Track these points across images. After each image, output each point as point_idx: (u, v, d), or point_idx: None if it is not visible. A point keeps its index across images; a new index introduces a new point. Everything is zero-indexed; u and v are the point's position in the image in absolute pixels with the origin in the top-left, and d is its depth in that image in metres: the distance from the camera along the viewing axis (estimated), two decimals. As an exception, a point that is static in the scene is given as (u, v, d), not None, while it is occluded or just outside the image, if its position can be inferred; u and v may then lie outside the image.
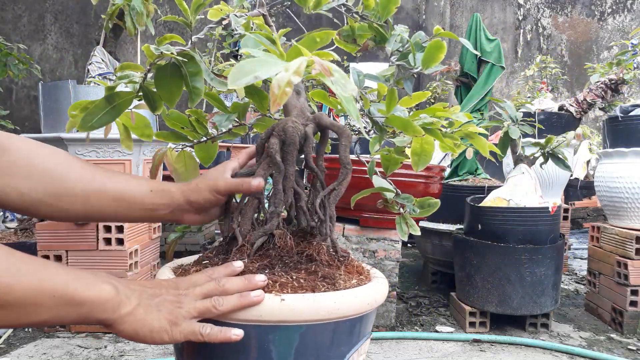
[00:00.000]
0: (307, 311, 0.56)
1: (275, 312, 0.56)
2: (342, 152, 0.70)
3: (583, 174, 4.99)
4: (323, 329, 0.59)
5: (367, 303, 0.61)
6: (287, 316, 0.56)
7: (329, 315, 0.57)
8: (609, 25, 6.84)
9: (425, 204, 0.89)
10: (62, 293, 0.51)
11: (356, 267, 0.70)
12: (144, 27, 2.08)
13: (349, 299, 0.59)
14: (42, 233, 1.93)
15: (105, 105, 0.69)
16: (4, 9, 5.48)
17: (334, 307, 0.57)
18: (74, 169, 0.67)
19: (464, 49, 3.25)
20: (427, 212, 0.89)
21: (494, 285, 2.03)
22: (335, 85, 0.43)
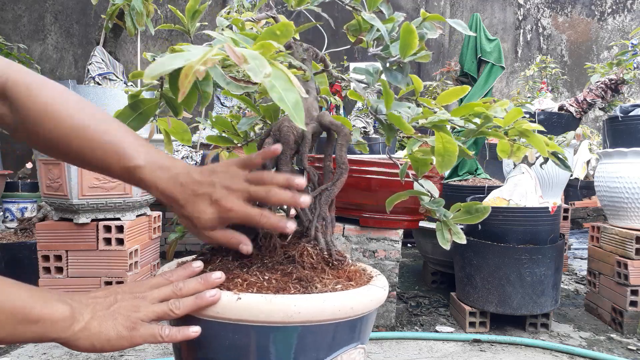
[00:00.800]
0: (263, 312, 0.56)
1: (232, 310, 0.57)
2: (338, 151, 0.69)
3: (583, 174, 4.99)
4: (285, 332, 0.57)
5: (339, 310, 0.58)
6: (242, 315, 0.56)
7: (289, 319, 0.56)
8: (609, 25, 6.84)
9: (473, 209, 0.79)
10: (17, 311, 0.51)
11: (349, 272, 0.67)
12: (144, 27, 2.07)
13: (314, 303, 0.57)
14: (42, 233, 1.93)
15: (130, 113, 0.70)
16: (4, 9, 5.48)
17: (293, 311, 0.56)
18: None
19: (464, 49, 3.25)
20: (474, 218, 0.78)
21: (494, 285, 2.03)
22: (250, 72, 0.43)
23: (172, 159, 0.63)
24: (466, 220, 0.78)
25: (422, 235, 2.71)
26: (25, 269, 2.33)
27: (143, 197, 2.02)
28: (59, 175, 1.86)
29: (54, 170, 1.88)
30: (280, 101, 0.44)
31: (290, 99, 0.44)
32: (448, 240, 0.77)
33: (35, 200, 3.79)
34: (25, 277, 2.48)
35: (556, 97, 5.13)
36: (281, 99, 0.44)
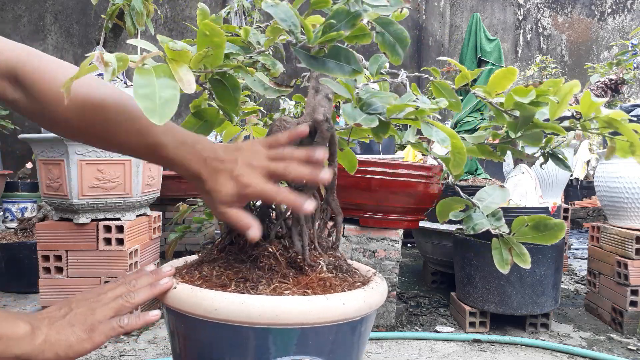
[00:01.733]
0: (188, 304, 0.58)
1: (172, 299, 0.60)
2: None
3: (583, 174, 4.99)
4: (210, 327, 0.58)
5: (259, 314, 0.55)
6: (176, 304, 0.60)
7: (209, 314, 0.57)
8: (609, 25, 6.84)
9: (543, 224, 0.64)
10: None
11: (311, 280, 0.62)
12: (144, 27, 2.07)
13: (233, 302, 0.55)
14: (42, 233, 1.93)
15: (196, 121, 0.73)
16: (4, 9, 5.48)
17: (211, 307, 0.56)
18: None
19: (464, 49, 3.25)
20: (547, 238, 0.64)
21: (494, 285, 2.03)
22: (107, 74, 0.48)
23: (196, 135, 0.63)
24: (535, 239, 0.65)
25: (422, 235, 2.71)
26: (25, 269, 2.33)
27: (143, 197, 2.02)
28: (59, 175, 1.86)
29: (54, 170, 1.88)
30: (140, 98, 0.47)
31: (164, 95, 0.47)
32: (508, 262, 0.65)
33: (35, 200, 3.80)
34: (25, 277, 2.49)
35: (556, 97, 5.12)
36: (143, 96, 0.47)
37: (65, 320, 0.58)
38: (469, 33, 3.22)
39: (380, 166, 1.94)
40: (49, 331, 0.57)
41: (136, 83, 0.47)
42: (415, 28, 6.59)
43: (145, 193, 2.03)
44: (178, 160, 0.60)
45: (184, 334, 0.62)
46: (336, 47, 0.56)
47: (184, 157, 0.60)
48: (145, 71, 0.49)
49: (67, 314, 0.59)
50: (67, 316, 0.58)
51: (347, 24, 0.53)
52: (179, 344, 0.64)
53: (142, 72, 0.49)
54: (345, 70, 0.56)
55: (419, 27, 6.61)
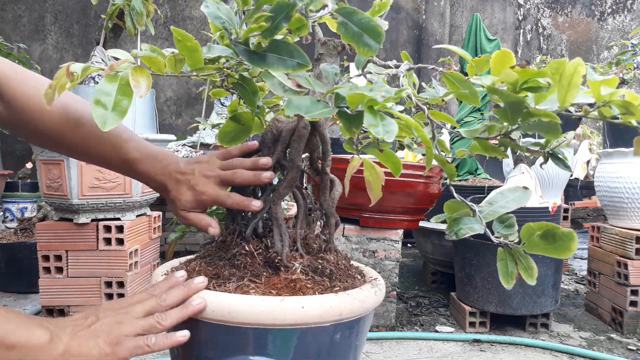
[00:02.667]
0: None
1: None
2: (291, 148, 0.66)
3: (583, 174, 4.99)
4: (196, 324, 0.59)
5: (212, 311, 0.57)
6: None
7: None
8: (609, 25, 6.84)
9: (551, 233, 0.54)
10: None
11: (287, 282, 0.61)
12: (144, 27, 2.07)
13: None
14: (42, 233, 1.93)
15: (235, 125, 0.75)
16: (4, 9, 5.48)
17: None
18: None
19: (464, 49, 3.24)
20: (558, 250, 0.55)
21: (494, 285, 2.03)
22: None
23: (164, 151, 0.71)
24: (547, 251, 0.57)
25: (422, 235, 2.71)
26: (25, 269, 2.33)
27: (143, 197, 2.02)
28: (59, 175, 1.86)
29: (54, 170, 1.88)
30: (92, 103, 0.50)
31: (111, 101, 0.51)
32: (513, 276, 0.58)
33: (35, 200, 3.79)
34: (25, 277, 2.48)
35: (556, 97, 5.12)
36: (92, 102, 0.51)
37: (90, 330, 0.54)
38: (469, 33, 3.22)
39: (380, 166, 1.94)
40: (71, 341, 0.53)
41: (95, 90, 0.51)
42: (415, 28, 6.59)
43: (145, 193, 2.03)
44: (148, 174, 0.69)
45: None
46: (276, 40, 0.55)
47: (153, 171, 0.69)
48: (111, 77, 0.52)
49: (93, 324, 0.55)
50: (92, 326, 0.55)
51: (285, 17, 0.53)
52: None
53: (108, 79, 0.52)
54: (289, 64, 0.55)
55: (419, 27, 6.61)
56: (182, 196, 0.67)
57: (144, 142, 0.71)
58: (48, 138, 0.70)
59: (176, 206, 0.68)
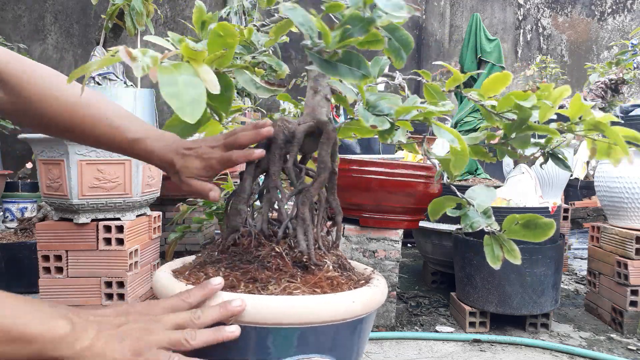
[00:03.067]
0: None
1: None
2: (319, 149, 0.67)
3: (583, 174, 4.99)
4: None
5: (273, 315, 0.55)
6: None
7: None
8: (609, 25, 6.84)
9: (533, 223, 0.66)
10: (8, 329, 0.47)
11: (320, 279, 0.63)
12: (144, 27, 2.07)
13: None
14: (42, 233, 1.93)
15: (181, 121, 0.72)
16: (4, 9, 5.48)
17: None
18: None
19: (464, 49, 3.25)
20: (537, 235, 0.66)
21: (494, 285, 2.03)
22: (135, 68, 0.47)
23: (162, 131, 0.75)
24: (526, 236, 0.67)
25: (422, 235, 2.71)
26: (25, 269, 2.33)
27: (143, 197, 2.02)
28: (59, 175, 1.86)
29: (54, 170, 1.88)
30: (168, 97, 0.46)
31: (190, 94, 0.46)
32: (499, 258, 0.68)
33: (35, 200, 3.80)
34: (25, 277, 2.49)
35: (556, 97, 5.12)
36: (170, 94, 0.46)
37: (117, 332, 0.52)
38: (469, 33, 3.22)
39: (380, 166, 1.94)
40: (96, 339, 0.51)
41: (161, 81, 0.48)
42: (415, 28, 6.59)
43: (145, 193, 2.03)
44: (152, 151, 0.72)
45: None
46: (349, 52, 0.57)
47: (158, 148, 0.71)
48: (167, 69, 0.49)
49: (121, 325, 0.53)
50: (120, 327, 0.52)
51: (361, 30, 0.55)
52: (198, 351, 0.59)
53: (165, 71, 0.48)
54: (356, 75, 0.58)
55: (419, 27, 6.61)
56: (190, 164, 0.70)
57: (146, 123, 0.75)
58: (54, 123, 0.72)
59: (183, 174, 0.71)
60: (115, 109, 0.74)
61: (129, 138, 0.72)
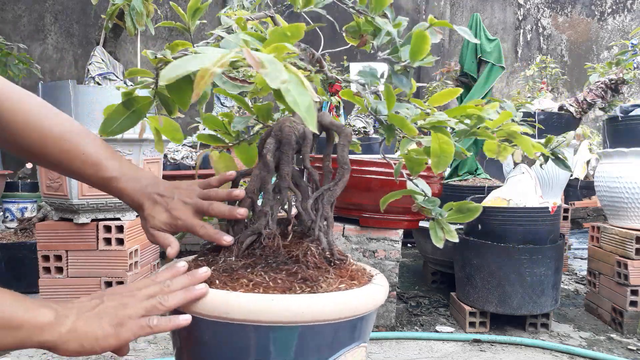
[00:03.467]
0: (269, 312, 0.57)
1: (221, 307, 0.58)
2: (340, 151, 0.71)
3: (583, 174, 4.99)
4: (287, 332, 0.58)
5: (342, 309, 0.60)
6: (248, 315, 0.57)
7: (293, 319, 0.57)
8: (609, 25, 6.84)
9: (465, 208, 0.79)
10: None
11: (352, 272, 0.68)
12: (144, 27, 2.07)
13: (320, 303, 0.59)
14: (42, 233, 1.93)
15: (124, 110, 0.71)
16: (4, 9, 5.48)
17: (297, 311, 0.58)
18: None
19: (464, 49, 3.25)
20: (466, 217, 0.79)
21: (494, 285, 2.03)
22: (267, 77, 0.43)
23: (142, 170, 0.75)
24: (458, 219, 0.79)
25: (422, 235, 2.71)
26: (25, 269, 2.33)
27: (143, 197, 2.02)
28: (59, 175, 1.86)
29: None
30: (295, 105, 0.44)
31: (304, 102, 0.45)
32: (441, 238, 0.79)
33: (35, 200, 3.80)
34: (25, 277, 2.49)
35: (556, 97, 5.13)
36: (295, 103, 0.44)
37: (95, 312, 0.57)
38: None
39: (380, 166, 1.94)
40: (77, 321, 0.56)
41: (284, 90, 0.46)
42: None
43: (145, 193, 2.03)
44: (126, 192, 0.72)
45: (251, 345, 0.60)
46: None
47: (132, 190, 0.72)
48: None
49: (97, 306, 0.58)
50: (97, 308, 0.57)
51: None
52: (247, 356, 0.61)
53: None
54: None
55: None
56: (157, 215, 0.70)
57: (124, 162, 0.74)
58: (30, 152, 0.71)
59: (148, 222, 0.71)
60: (95, 144, 0.72)
61: (104, 176, 0.72)
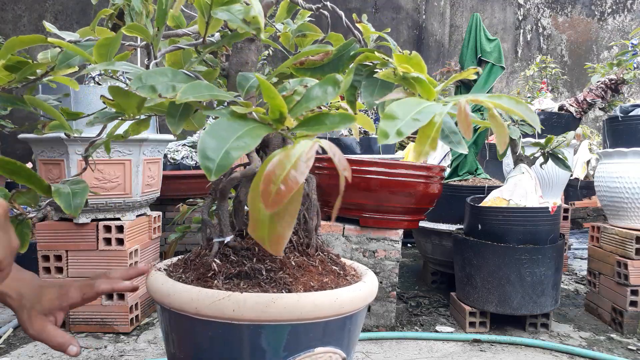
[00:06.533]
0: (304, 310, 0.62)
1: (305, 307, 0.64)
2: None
3: (583, 174, 4.99)
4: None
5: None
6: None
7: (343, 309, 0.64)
8: (609, 25, 6.84)
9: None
10: None
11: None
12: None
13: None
14: (42, 233, 1.93)
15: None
16: (4, 9, 5.48)
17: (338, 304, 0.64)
18: None
19: (464, 49, 3.24)
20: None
21: (494, 285, 2.03)
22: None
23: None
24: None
25: (422, 235, 2.71)
26: (25, 269, 2.33)
27: (143, 197, 2.02)
28: (59, 175, 1.86)
29: (54, 170, 1.88)
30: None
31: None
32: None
33: (35, 200, 3.78)
34: (25, 277, 2.46)
35: (556, 97, 5.13)
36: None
37: None
38: (469, 33, 3.22)
39: (380, 166, 1.94)
40: None
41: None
42: (415, 28, 6.59)
43: (145, 193, 2.03)
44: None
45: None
46: None
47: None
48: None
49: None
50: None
51: None
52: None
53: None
54: None
55: (419, 27, 6.61)
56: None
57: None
58: None
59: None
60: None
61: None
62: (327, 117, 0.46)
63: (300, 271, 0.66)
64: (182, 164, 3.23)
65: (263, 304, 0.57)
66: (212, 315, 0.58)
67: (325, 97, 0.50)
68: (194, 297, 0.58)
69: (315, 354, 0.59)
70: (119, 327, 1.94)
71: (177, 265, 0.71)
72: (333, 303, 0.60)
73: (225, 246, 0.67)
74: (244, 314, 0.56)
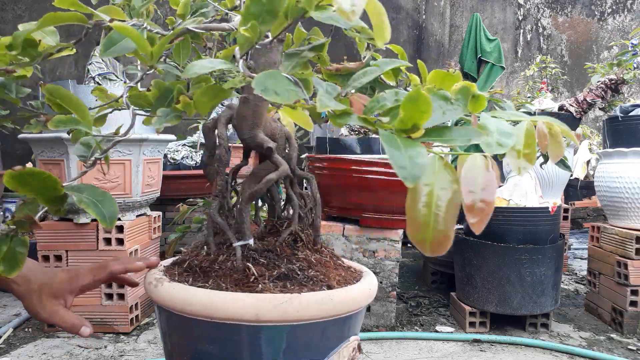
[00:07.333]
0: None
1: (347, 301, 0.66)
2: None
3: (583, 174, 4.99)
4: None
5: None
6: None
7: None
8: (609, 25, 6.84)
9: None
10: None
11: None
12: (144, 27, 2.07)
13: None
14: (42, 233, 1.93)
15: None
16: (4, 9, 5.48)
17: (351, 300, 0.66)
18: None
19: (464, 49, 3.25)
20: None
21: (494, 285, 2.03)
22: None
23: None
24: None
25: (422, 235, 2.71)
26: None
27: (143, 197, 2.02)
28: (59, 175, 1.86)
29: (54, 170, 1.88)
30: None
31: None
32: None
33: (35, 200, 3.78)
34: (25, 277, 2.47)
35: (556, 97, 5.12)
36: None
37: None
38: (469, 33, 3.22)
39: (380, 166, 1.94)
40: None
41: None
42: (415, 28, 6.59)
43: (145, 193, 2.03)
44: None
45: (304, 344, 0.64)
46: None
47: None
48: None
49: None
50: None
51: None
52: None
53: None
54: None
55: (419, 27, 6.61)
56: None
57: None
58: None
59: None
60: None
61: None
62: (450, 130, 0.49)
63: (323, 267, 0.67)
64: (182, 164, 3.23)
65: (320, 302, 0.60)
66: (275, 320, 0.58)
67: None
68: (254, 304, 0.57)
69: (350, 342, 0.66)
70: (119, 327, 1.94)
71: (180, 274, 0.67)
72: (365, 294, 0.66)
73: (248, 249, 0.67)
74: (306, 313, 0.59)
